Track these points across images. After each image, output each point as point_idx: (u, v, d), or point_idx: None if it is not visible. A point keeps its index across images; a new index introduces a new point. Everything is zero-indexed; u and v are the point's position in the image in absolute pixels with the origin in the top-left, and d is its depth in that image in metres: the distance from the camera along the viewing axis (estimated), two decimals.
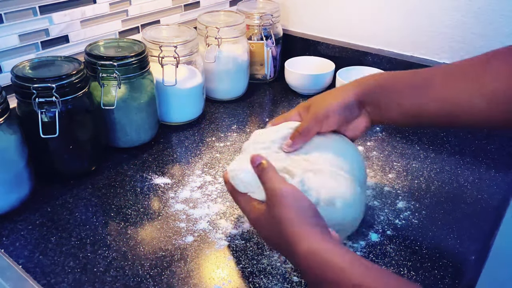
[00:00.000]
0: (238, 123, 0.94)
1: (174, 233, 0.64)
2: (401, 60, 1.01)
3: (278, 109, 1.01)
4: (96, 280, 0.57)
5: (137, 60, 0.78)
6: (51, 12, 0.83)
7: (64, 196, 0.72)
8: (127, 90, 0.78)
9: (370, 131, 0.91)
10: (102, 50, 0.80)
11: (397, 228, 0.66)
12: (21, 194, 0.68)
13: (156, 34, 0.89)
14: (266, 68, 1.10)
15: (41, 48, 0.83)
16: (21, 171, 0.67)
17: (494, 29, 0.90)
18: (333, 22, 1.12)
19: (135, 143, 0.84)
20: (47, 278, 0.57)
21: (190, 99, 0.91)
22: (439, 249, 0.62)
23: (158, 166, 0.79)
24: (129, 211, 0.69)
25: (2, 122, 0.63)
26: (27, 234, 0.64)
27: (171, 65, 0.86)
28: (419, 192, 0.73)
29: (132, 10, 0.96)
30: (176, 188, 0.74)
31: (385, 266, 0.59)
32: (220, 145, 0.86)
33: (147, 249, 0.62)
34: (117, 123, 0.80)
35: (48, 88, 0.66)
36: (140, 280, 0.57)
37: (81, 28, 0.88)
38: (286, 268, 0.59)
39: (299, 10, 1.17)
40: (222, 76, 1.00)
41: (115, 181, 0.75)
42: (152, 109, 0.84)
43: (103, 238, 0.63)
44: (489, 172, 0.78)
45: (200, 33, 0.97)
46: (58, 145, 0.71)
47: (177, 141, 0.88)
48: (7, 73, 0.77)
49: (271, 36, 1.08)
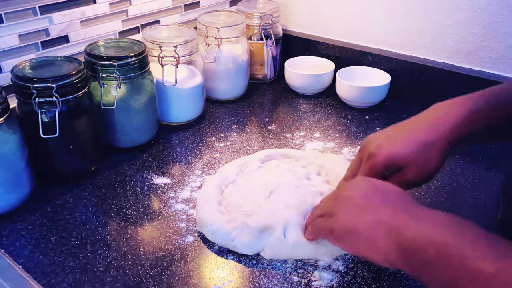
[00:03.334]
0: (238, 123, 0.94)
1: (174, 233, 0.64)
2: (401, 60, 1.01)
3: (278, 109, 1.01)
4: (96, 280, 0.57)
5: (137, 60, 0.78)
6: (51, 12, 0.83)
7: (64, 196, 0.71)
8: (127, 90, 0.78)
9: (370, 131, 0.91)
10: (102, 50, 0.80)
11: None
12: (21, 194, 0.68)
13: (156, 34, 0.89)
14: (266, 68, 1.10)
15: (41, 48, 0.83)
16: (21, 171, 0.67)
17: (494, 29, 0.90)
18: (333, 22, 1.12)
19: (135, 143, 0.84)
20: (47, 278, 0.57)
21: (190, 99, 0.91)
22: None
23: (158, 166, 0.79)
24: (129, 211, 0.69)
25: (2, 122, 0.63)
26: (27, 234, 0.64)
27: (171, 65, 0.86)
28: (419, 192, 0.73)
29: (132, 10, 0.96)
30: (176, 188, 0.74)
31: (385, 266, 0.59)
32: (220, 145, 0.86)
33: (147, 249, 0.62)
34: (117, 123, 0.80)
35: (48, 88, 0.66)
36: (140, 280, 0.57)
37: (81, 28, 0.88)
38: (286, 268, 0.59)
39: (299, 10, 1.17)
40: (222, 76, 1.00)
41: (115, 181, 0.75)
42: (152, 109, 0.84)
43: (103, 238, 0.63)
44: (489, 172, 0.78)
45: (200, 33, 0.97)
46: (58, 145, 0.71)
47: (177, 141, 0.88)
48: (7, 73, 0.77)
49: (271, 36, 1.08)
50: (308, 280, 0.57)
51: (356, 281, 0.57)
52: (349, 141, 0.88)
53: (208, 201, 0.65)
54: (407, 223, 0.45)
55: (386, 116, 0.96)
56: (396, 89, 1.01)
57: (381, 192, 0.51)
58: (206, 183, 0.70)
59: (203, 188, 0.69)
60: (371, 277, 0.57)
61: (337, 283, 0.56)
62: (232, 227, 0.61)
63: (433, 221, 0.45)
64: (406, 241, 0.44)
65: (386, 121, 0.94)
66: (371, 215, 0.48)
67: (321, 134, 0.90)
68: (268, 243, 0.60)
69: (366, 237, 0.48)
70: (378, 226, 0.47)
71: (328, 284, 0.56)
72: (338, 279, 0.57)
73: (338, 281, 0.57)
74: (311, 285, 0.56)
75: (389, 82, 0.98)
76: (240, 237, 0.60)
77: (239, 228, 0.61)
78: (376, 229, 0.47)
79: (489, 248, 0.40)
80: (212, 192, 0.67)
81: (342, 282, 0.57)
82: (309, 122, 0.94)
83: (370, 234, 0.48)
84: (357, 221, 0.49)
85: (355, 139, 0.88)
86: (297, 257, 0.60)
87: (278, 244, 0.59)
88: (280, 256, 0.60)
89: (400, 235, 0.45)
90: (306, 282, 0.57)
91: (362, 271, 0.58)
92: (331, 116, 0.96)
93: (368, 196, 0.51)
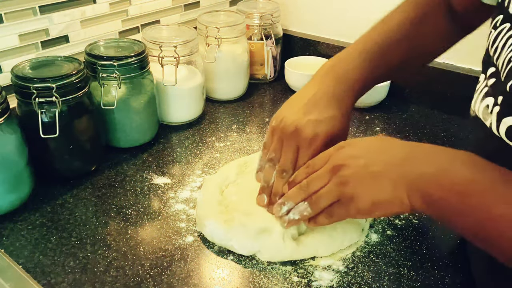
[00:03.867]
0: (238, 123, 0.94)
1: (174, 233, 0.64)
2: None
3: (278, 109, 1.01)
4: (96, 280, 0.57)
5: (137, 60, 0.78)
6: (51, 12, 0.83)
7: (64, 196, 0.71)
8: (127, 90, 0.78)
9: (370, 131, 0.91)
10: (102, 50, 0.80)
11: (397, 228, 0.66)
12: (21, 194, 0.68)
13: (156, 34, 0.89)
14: (266, 68, 1.10)
15: (41, 48, 0.83)
16: (21, 171, 0.67)
17: None
18: (333, 22, 1.12)
19: (135, 143, 0.84)
20: (47, 278, 0.57)
21: (190, 99, 0.91)
22: (439, 249, 0.62)
23: (158, 166, 0.79)
24: (129, 211, 0.69)
25: (2, 122, 0.63)
26: (27, 234, 0.64)
27: (171, 65, 0.86)
28: None
29: (132, 10, 0.96)
30: (176, 188, 0.74)
31: (385, 266, 0.59)
32: (220, 145, 0.86)
33: (147, 249, 0.62)
34: (117, 123, 0.80)
35: (48, 88, 0.66)
36: (140, 280, 0.57)
37: (81, 28, 0.88)
38: (286, 268, 0.59)
39: (299, 10, 1.17)
40: (222, 76, 1.00)
41: (115, 181, 0.75)
42: (152, 109, 0.84)
43: (103, 238, 0.63)
44: None
45: (200, 33, 0.97)
46: (58, 145, 0.71)
47: (177, 141, 0.88)
48: (7, 73, 0.77)
49: (271, 36, 1.08)
50: (308, 280, 0.57)
51: (356, 281, 0.57)
52: None
53: (207, 201, 0.65)
54: (423, 172, 0.47)
55: (386, 116, 0.96)
56: (396, 89, 1.01)
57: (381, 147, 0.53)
58: (206, 183, 0.70)
59: (203, 188, 0.69)
60: (371, 277, 0.57)
61: (337, 283, 0.56)
62: (230, 226, 0.61)
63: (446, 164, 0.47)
64: (428, 191, 0.46)
65: (386, 121, 0.94)
66: (387, 178, 0.49)
67: None
68: (264, 245, 0.59)
69: (390, 201, 0.49)
70: (398, 185, 0.48)
71: (328, 284, 0.56)
72: (338, 279, 0.57)
73: (338, 281, 0.57)
74: (311, 285, 0.56)
75: (389, 82, 0.98)
76: (237, 237, 0.60)
77: (236, 228, 0.60)
78: (396, 188, 0.48)
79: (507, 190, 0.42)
80: (212, 192, 0.67)
81: (342, 282, 0.57)
82: None
83: (393, 197, 0.48)
84: (377, 191, 0.50)
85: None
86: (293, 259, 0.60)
87: (275, 247, 0.59)
88: (276, 258, 0.59)
89: (420, 187, 0.47)
90: (306, 282, 0.57)
91: (362, 271, 0.58)
92: None
93: (374, 158, 0.51)
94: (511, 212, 0.41)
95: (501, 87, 0.46)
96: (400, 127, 0.92)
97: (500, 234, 0.42)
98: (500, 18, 0.50)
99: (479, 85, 0.56)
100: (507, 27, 0.48)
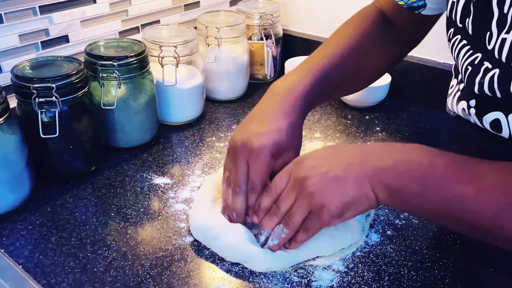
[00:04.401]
0: (238, 123, 0.94)
1: (174, 233, 0.64)
2: None
3: None
4: (96, 280, 0.57)
5: (137, 60, 0.78)
6: (51, 12, 0.83)
7: (64, 196, 0.72)
8: (127, 90, 0.78)
9: (370, 131, 0.91)
10: (102, 50, 0.80)
11: (397, 228, 0.66)
12: (21, 194, 0.68)
13: (156, 34, 0.89)
14: (266, 68, 1.10)
15: (41, 48, 0.83)
16: (21, 171, 0.67)
17: None
18: (333, 22, 1.12)
19: (135, 143, 0.84)
20: (47, 278, 0.57)
21: (190, 99, 0.91)
22: (439, 249, 0.62)
23: (158, 166, 0.79)
24: (129, 211, 0.69)
25: (2, 122, 0.63)
26: (27, 234, 0.64)
27: (171, 65, 0.86)
28: None
29: (132, 10, 0.96)
30: (176, 188, 0.74)
31: (385, 266, 0.59)
32: (220, 145, 0.86)
33: (147, 249, 0.62)
34: (117, 123, 0.80)
35: (48, 88, 0.66)
36: (140, 280, 0.57)
37: (81, 28, 0.88)
38: (286, 268, 0.59)
39: (299, 10, 1.17)
40: (222, 76, 1.00)
41: (115, 181, 0.75)
42: (152, 109, 0.84)
43: (103, 238, 0.63)
44: None
45: (200, 33, 0.97)
46: (58, 145, 0.71)
47: (177, 141, 0.88)
48: (7, 73, 0.77)
49: (271, 36, 1.08)
50: (308, 280, 0.57)
51: (356, 281, 0.57)
52: (349, 141, 0.88)
53: (201, 198, 0.65)
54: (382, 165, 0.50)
55: (386, 116, 0.96)
56: (396, 89, 1.01)
57: (336, 153, 0.55)
58: (205, 182, 0.70)
59: (201, 187, 0.69)
60: (371, 277, 0.57)
61: (337, 283, 0.56)
62: (213, 224, 0.59)
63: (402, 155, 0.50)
64: (390, 181, 0.49)
65: (386, 121, 0.94)
66: (350, 178, 0.51)
67: (321, 134, 0.90)
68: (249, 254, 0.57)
69: (357, 198, 0.51)
70: (361, 182, 0.50)
71: (328, 284, 0.56)
72: (338, 279, 0.57)
73: (338, 281, 0.57)
74: (311, 285, 0.56)
75: (389, 82, 0.98)
76: (222, 237, 0.59)
77: (223, 226, 0.59)
78: (360, 186, 0.50)
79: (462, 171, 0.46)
80: (208, 191, 0.67)
81: (342, 282, 0.57)
82: (309, 122, 0.94)
83: (360, 194, 0.50)
84: (344, 193, 0.51)
85: (355, 139, 0.88)
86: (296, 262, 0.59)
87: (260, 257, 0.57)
88: (260, 269, 0.58)
89: (381, 179, 0.49)
90: (306, 282, 0.57)
91: (362, 271, 0.58)
92: (331, 116, 0.96)
93: (333, 164, 0.53)
94: (469, 189, 0.45)
95: (470, 91, 0.51)
96: (400, 127, 0.92)
97: (462, 210, 0.45)
98: (451, 31, 0.55)
99: (451, 89, 0.60)
100: (458, 39, 0.55)
